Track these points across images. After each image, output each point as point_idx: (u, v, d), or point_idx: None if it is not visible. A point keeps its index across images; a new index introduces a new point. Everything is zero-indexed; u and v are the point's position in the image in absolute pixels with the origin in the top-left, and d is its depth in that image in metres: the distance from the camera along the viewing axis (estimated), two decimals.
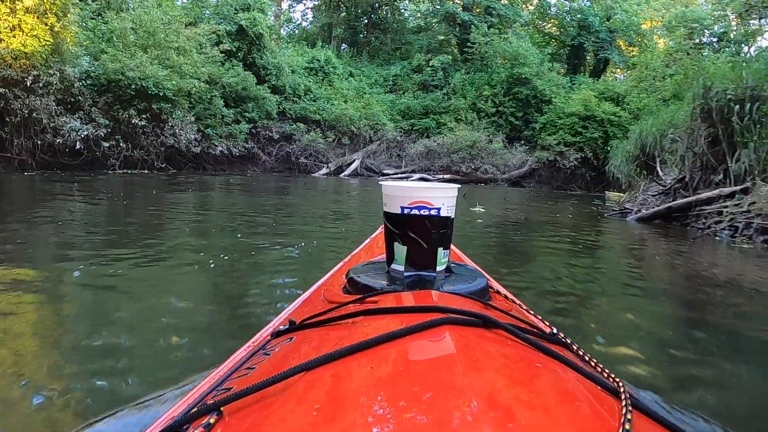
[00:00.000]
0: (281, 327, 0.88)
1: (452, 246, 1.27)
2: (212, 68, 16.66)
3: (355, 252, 1.81)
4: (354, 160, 20.06)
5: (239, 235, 5.03)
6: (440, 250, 1.03)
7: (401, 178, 19.64)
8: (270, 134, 18.98)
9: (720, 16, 26.39)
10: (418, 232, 1.01)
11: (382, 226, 1.17)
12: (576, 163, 20.35)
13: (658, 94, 16.12)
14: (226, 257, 3.86)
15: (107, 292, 2.85)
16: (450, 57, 25.12)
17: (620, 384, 0.58)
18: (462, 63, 25.57)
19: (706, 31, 25.50)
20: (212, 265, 3.57)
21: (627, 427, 0.47)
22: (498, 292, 1.08)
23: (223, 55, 17.50)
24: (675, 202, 7.85)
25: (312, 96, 20.73)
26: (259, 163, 18.99)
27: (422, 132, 22.24)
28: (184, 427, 0.53)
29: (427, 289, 0.92)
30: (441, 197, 1.01)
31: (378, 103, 21.95)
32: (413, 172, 20.05)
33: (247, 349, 0.94)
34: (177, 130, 14.57)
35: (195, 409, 0.55)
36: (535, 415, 0.47)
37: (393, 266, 1.06)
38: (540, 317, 1.07)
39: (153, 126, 14.21)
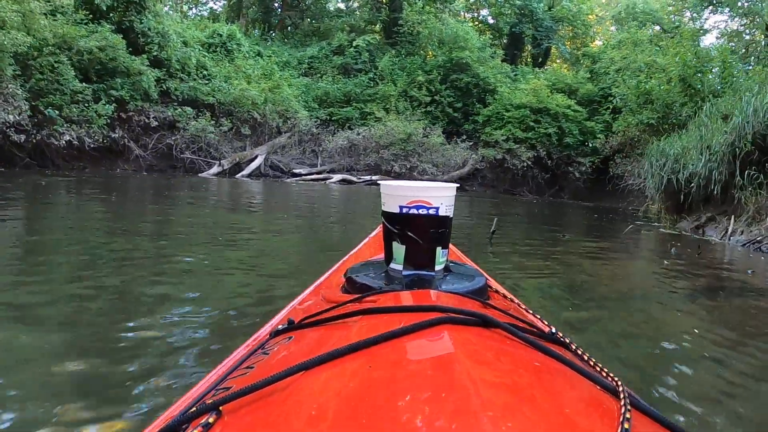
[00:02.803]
0: (280, 326, 0.86)
1: (451, 245, 1.16)
2: (64, 27, 12.16)
3: (353, 251, 1.71)
4: (256, 156, 15.68)
5: None
6: (439, 249, 0.99)
7: (317, 180, 15.82)
8: (146, 120, 14.23)
9: (672, 10, 24.98)
10: (416, 232, 0.98)
11: (381, 225, 1.11)
12: (528, 162, 17.29)
13: (661, 76, 13.35)
14: None
15: None
16: (376, 37, 21.47)
17: (619, 383, 0.58)
18: (390, 47, 21.94)
19: (656, 25, 23.91)
20: None
21: (626, 426, 0.46)
22: (497, 292, 1.06)
23: (87, 12, 13.25)
24: None
25: (206, 74, 16.17)
26: (131, 159, 14.38)
27: (343, 123, 18.32)
28: (183, 426, 0.52)
29: (426, 288, 0.89)
30: (440, 196, 0.98)
31: (289, 87, 17.71)
32: (332, 171, 16.06)
33: (245, 348, 0.93)
34: None
35: (194, 408, 0.55)
36: (534, 414, 0.46)
37: (391, 265, 1.02)
38: (539, 317, 1.00)
39: None
